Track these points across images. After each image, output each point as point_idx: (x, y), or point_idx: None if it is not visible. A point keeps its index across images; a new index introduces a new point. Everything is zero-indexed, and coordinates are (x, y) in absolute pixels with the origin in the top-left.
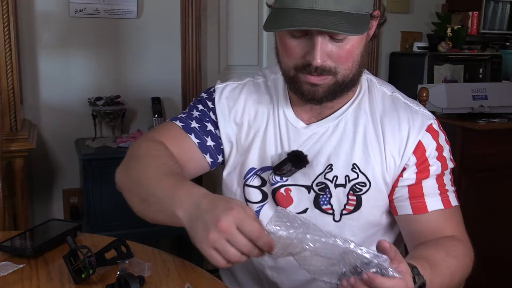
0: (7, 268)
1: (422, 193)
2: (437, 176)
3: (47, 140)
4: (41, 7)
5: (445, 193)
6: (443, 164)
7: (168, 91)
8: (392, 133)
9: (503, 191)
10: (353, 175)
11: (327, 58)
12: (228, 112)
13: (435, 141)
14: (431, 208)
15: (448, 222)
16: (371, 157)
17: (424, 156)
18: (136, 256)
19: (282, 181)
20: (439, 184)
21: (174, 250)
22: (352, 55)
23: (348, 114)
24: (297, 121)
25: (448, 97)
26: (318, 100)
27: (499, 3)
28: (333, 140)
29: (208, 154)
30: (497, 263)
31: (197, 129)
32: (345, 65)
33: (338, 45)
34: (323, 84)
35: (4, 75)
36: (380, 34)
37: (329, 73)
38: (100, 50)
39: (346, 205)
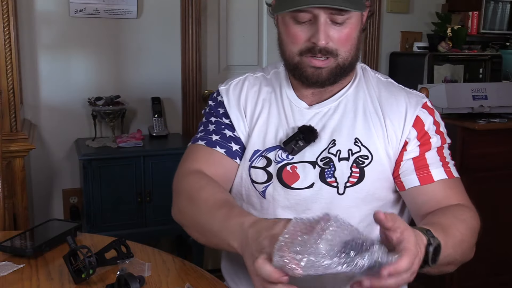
0: (7, 268)
1: (427, 164)
2: (437, 148)
3: (47, 140)
4: (41, 7)
5: (446, 165)
6: (442, 138)
7: (168, 91)
8: (391, 109)
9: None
10: (355, 149)
11: (329, 41)
12: (238, 109)
13: (431, 116)
14: (436, 178)
15: (452, 191)
16: (373, 131)
17: (423, 130)
18: (136, 256)
19: (288, 159)
20: (440, 156)
21: (174, 250)
22: (351, 38)
23: (348, 95)
24: (300, 102)
25: (448, 97)
26: (322, 82)
27: (499, 3)
28: (335, 118)
29: (238, 158)
30: (497, 263)
31: (219, 140)
32: (345, 48)
33: (338, 28)
34: (326, 67)
35: (4, 75)
36: (380, 34)
37: (331, 55)
38: (100, 50)
39: (350, 177)
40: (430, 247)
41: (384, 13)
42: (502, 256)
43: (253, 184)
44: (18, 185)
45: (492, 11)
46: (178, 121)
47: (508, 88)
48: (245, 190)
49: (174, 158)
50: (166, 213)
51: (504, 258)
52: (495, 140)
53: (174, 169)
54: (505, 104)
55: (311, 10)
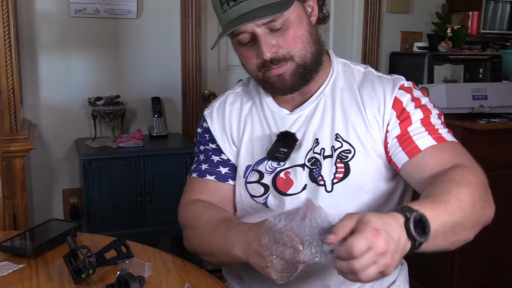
0: (7, 268)
1: (410, 136)
2: (421, 120)
3: (47, 140)
4: (41, 7)
5: (435, 132)
6: (425, 110)
7: (168, 91)
8: (370, 97)
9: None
10: (337, 144)
11: (277, 49)
12: (224, 131)
13: (409, 94)
14: (423, 147)
15: (445, 155)
16: (353, 124)
17: (402, 107)
18: (136, 256)
19: (279, 166)
20: (425, 125)
21: (174, 250)
22: (298, 36)
23: (326, 92)
24: (280, 109)
25: (448, 97)
26: (290, 87)
27: (499, 3)
28: (316, 117)
29: (229, 179)
30: (497, 263)
31: (208, 168)
32: (297, 47)
33: (280, 33)
34: (286, 70)
35: (4, 75)
36: (380, 34)
37: (284, 60)
38: (100, 50)
39: (336, 173)
40: (409, 222)
41: (384, 13)
42: (502, 256)
43: (253, 198)
44: (18, 185)
45: (492, 11)
46: (178, 121)
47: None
48: (248, 205)
49: (174, 158)
50: (166, 213)
51: (504, 258)
52: (495, 140)
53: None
54: (505, 104)
55: (245, 30)
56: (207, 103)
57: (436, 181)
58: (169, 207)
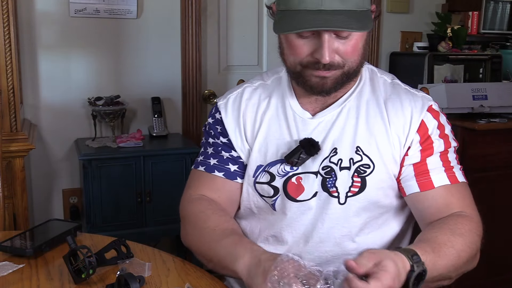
0: (7, 268)
1: (427, 169)
2: (440, 153)
3: (47, 140)
4: (41, 7)
5: (450, 169)
6: (446, 142)
7: (168, 91)
8: (396, 114)
9: (503, 191)
10: (357, 158)
11: (335, 55)
12: (237, 125)
13: (436, 120)
14: (437, 184)
15: (455, 198)
16: (376, 139)
17: (427, 134)
18: (136, 256)
19: (292, 170)
20: (443, 161)
21: (174, 250)
22: (357, 48)
23: (351, 100)
24: (303, 112)
25: (448, 97)
26: (327, 91)
27: (499, 3)
28: (337, 126)
29: (238, 177)
30: (498, 263)
31: (216, 164)
32: (352, 59)
33: (344, 42)
34: (332, 76)
35: (4, 75)
36: (380, 34)
37: (337, 68)
38: (100, 50)
39: (351, 187)
40: (412, 274)
41: (384, 13)
42: (502, 256)
43: (263, 198)
44: (18, 185)
45: (492, 11)
46: (178, 121)
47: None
48: (254, 204)
49: (174, 158)
50: (166, 213)
51: (504, 258)
52: (495, 140)
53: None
54: (505, 104)
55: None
56: (207, 103)
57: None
58: (169, 207)
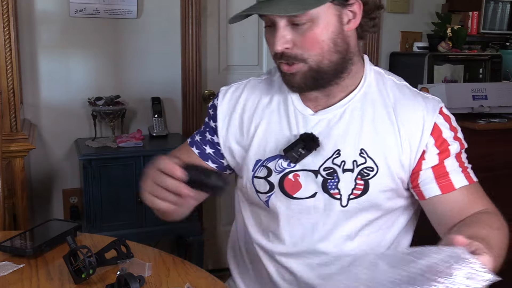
0: (7, 268)
1: (446, 171)
2: (456, 154)
3: (47, 140)
4: (41, 7)
5: (465, 170)
6: (460, 144)
7: (168, 91)
8: (407, 116)
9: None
10: (361, 160)
11: (292, 45)
12: (230, 114)
13: (447, 122)
14: (458, 185)
15: (475, 197)
16: (382, 142)
17: (441, 137)
18: (136, 256)
19: (290, 167)
20: (459, 162)
21: (174, 250)
22: (318, 41)
23: (355, 102)
24: (304, 108)
25: (448, 97)
26: (298, 87)
27: (499, 3)
28: (340, 126)
29: (210, 160)
30: None
31: (198, 141)
32: (313, 52)
33: (300, 31)
34: (297, 72)
35: (4, 75)
36: (380, 34)
37: (296, 60)
38: (100, 50)
39: (354, 189)
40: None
41: (384, 13)
42: None
43: (258, 194)
44: (18, 185)
45: (492, 11)
46: (178, 121)
47: (508, 88)
48: (251, 199)
49: None
50: None
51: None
52: (495, 140)
53: None
54: (505, 104)
55: (268, 17)
56: (207, 103)
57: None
58: None
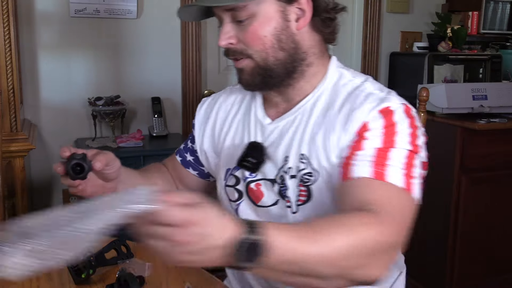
0: None
1: (352, 160)
2: (377, 149)
3: (47, 140)
4: (41, 7)
5: (381, 166)
6: (389, 141)
7: (168, 91)
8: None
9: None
10: (302, 166)
11: (236, 41)
12: (205, 122)
13: (385, 120)
14: (356, 175)
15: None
16: (317, 147)
17: (363, 135)
18: (136, 256)
19: (251, 176)
20: (377, 156)
21: None
22: (259, 36)
23: (307, 106)
24: (264, 117)
25: (448, 97)
26: (247, 84)
27: (499, 3)
28: (289, 133)
29: (190, 167)
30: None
31: (181, 149)
32: (256, 47)
33: (242, 27)
34: (244, 67)
35: (4, 75)
36: (380, 34)
37: (241, 55)
38: (100, 50)
39: (299, 196)
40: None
41: (384, 13)
42: (502, 255)
43: (230, 202)
44: (18, 185)
45: (492, 11)
46: (178, 121)
47: (508, 88)
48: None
49: None
50: None
51: (504, 257)
52: (495, 140)
53: None
54: (505, 104)
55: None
56: None
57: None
58: None
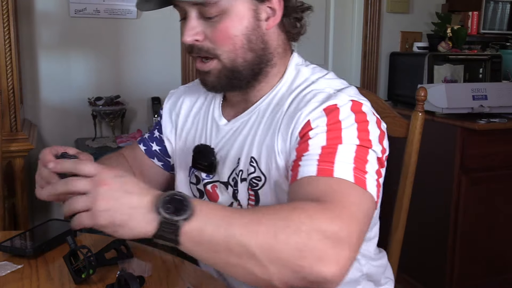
0: (6, 268)
1: (299, 163)
2: (322, 147)
3: (47, 140)
4: (41, 7)
5: (328, 163)
6: (334, 137)
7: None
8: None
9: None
10: (251, 169)
11: (203, 38)
12: (169, 114)
13: (328, 117)
14: (301, 175)
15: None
16: (265, 150)
17: (307, 134)
18: (136, 256)
19: (208, 178)
20: (323, 154)
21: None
22: (229, 35)
23: (261, 107)
24: (220, 118)
25: (448, 97)
26: (211, 88)
27: (499, 3)
28: (243, 134)
29: (156, 158)
30: (497, 263)
31: (146, 138)
32: (225, 47)
33: (211, 23)
34: (211, 70)
35: (4, 75)
36: (380, 34)
37: (208, 54)
38: (100, 50)
39: (249, 200)
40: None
41: (384, 13)
42: (502, 255)
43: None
44: (18, 185)
45: (492, 11)
46: None
47: (508, 88)
48: None
49: None
50: None
51: (504, 258)
52: (495, 140)
53: None
54: (505, 104)
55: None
56: None
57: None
58: None
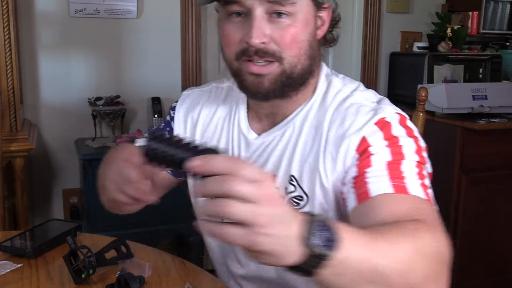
0: (6, 268)
1: (365, 178)
2: (387, 163)
3: (47, 140)
4: (41, 7)
5: (399, 179)
6: (397, 153)
7: (168, 91)
8: (335, 135)
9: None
10: (290, 188)
11: (269, 40)
12: (185, 117)
13: (382, 131)
14: (375, 193)
15: (403, 207)
16: (308, 168)
17: (367, 150)
18: (136, 256)
19: None
20: (390, 170)
21: (174, 250)
22: (297, 40)
23: (296, 121)
24: (249, 131)
25: (448, 97)
26: (264, 94)
27: (499, 3)
28: (278, 150)
29: None
30: (497, 263)
31: None
32: (291, 51)
33: (280, 26)
34: (269, 73)
35: (4, 75)
36: (380, 34)
37: (273, 57)
38: (100, 50)
39: None
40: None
41: (384, 13)
42: (502, 255)
43: None
44: (18, 185)
45: (492, 11)
46: None
47: (508, 88)
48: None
49: None
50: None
51: (504, 257)
52: (495, 140)
53: None
54: (505, 104)
55: (243, 1)
56: None
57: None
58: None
